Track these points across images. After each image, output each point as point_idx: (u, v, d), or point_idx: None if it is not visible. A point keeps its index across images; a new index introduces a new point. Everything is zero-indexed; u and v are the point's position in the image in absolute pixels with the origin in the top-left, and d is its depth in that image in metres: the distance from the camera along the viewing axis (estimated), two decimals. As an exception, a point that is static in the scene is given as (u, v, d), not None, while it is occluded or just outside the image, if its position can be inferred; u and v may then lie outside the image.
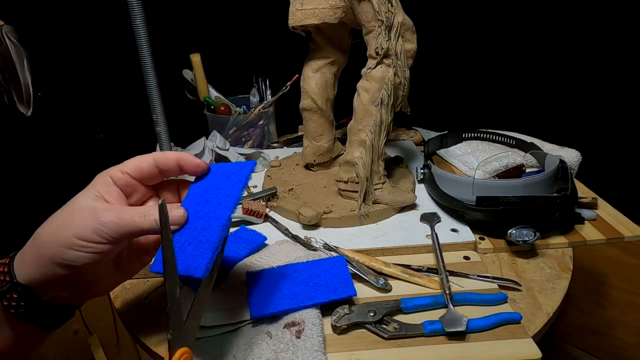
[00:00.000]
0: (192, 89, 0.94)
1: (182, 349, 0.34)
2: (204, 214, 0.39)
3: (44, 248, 0.37)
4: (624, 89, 0.90)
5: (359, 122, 0.63)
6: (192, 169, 0.42)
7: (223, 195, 0.40)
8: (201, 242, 0.38)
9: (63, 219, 0.38)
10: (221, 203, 0.40)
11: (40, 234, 0.38)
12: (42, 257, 0.37)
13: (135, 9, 0.59)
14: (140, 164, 0.42)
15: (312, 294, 0.48)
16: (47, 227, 0.38)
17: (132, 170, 0.41)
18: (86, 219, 0.37)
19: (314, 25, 0.65)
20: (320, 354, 0.42)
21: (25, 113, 0.67)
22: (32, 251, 0.38)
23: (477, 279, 0.53)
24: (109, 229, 0.37)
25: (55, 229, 0.37)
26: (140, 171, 0.42)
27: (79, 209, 0.38)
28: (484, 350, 0.44)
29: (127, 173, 0.41)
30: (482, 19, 1.01)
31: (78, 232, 0.36)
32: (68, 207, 0.39)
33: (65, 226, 0.37)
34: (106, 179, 0.41)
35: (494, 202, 0.58)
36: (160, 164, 0.42)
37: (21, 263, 0.38)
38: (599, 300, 1.00)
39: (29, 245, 0.38)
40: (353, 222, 0.64)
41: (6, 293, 0.37)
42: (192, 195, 0.42)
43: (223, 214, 0.39)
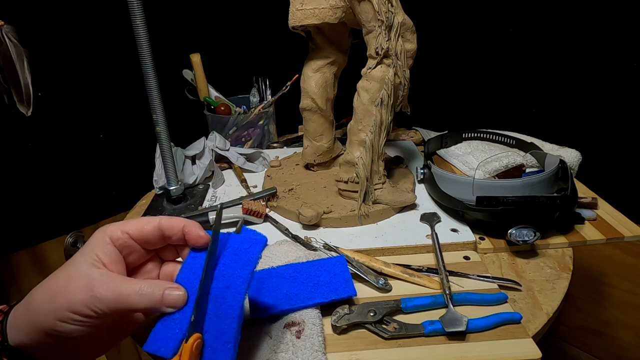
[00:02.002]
0: (192, 89, 0.94)
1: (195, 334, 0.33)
2: (214, 297, 0.36)
3: (37, 316, 0.35)
4: (624, 89, 0.90)
5: (359, 122, 0.63)
6: (194, 240, 0.39)
7: (232, 275, 0.38)
8: (218, 333, 0.35)
9: (58, 286, 0.36)
10: (230, 286, 0.37)
11: (35, 299, 0.36)
12: (33, 325, 0.35)
13: (135, 9, 0.59)
14: (143, 226, 0.39)
15: (312, 294, 0.48)
16: (42, 292, 0.36)
17: (134, 231, 0.39)
18: (81, 291, 0.35)
19: (314, 25, 0.65)
20: (320, 354, 0.42)
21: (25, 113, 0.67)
22: (24, 315, 0.36)
23: (477, 279, 0.53)
24: (104, 305, 0.35)
25: (49, 297, 0.35)
26: (142, 233, 0.39)
27: (75, 276, 0.36)
28: (484, 350, 0.44)
29: (128, 233, 0.39)
30: (482, 19, 1.01)
31: (72, 306, 0.34)
32: (65, 270, 0.37)
33: (59, 295, 0.35)
34: (104, 238, 0.38)
35: (494, 202, 0.57)
36: (165, 230, 0.39)
37: (13, 325, 0.36)
38: (599, 300, 1.00)
39: (23, 307, 0.36)
40: (353, 222, 0.64)
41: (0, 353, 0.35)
42: (192, 266, 0.38)
43: (235, 301, 0.36)
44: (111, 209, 0.99)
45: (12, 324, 0.36)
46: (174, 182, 0.71)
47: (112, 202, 0.99)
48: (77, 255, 0.38)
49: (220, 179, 0.79)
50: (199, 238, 0.39)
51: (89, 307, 0.34)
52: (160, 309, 0.36)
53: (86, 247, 0.38)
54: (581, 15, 0.90)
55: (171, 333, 0.35)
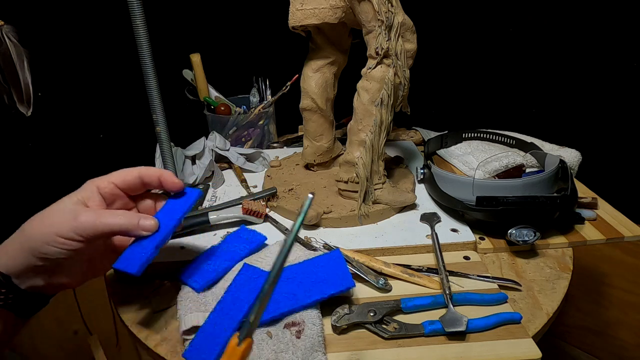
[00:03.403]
0: (192, 89, 0.94)
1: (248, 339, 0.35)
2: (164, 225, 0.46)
3: (27, 241, 0.41)
4: (624, 89, 0.90)
5: (359, 122, 0.63)
6: (170, 185, 0.48)
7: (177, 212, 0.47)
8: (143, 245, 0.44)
9: (46, 216, 0.43)
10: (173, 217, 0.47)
11: (25, 228, 0.42)
12: (23, 249, 0.41)
13: (135, 9, 0.59)
14: (125, 176, 0.47)
15: (311, 291, 0.48)
16: (31, 222, 0.43)
17: (118, 180, 0.47)
18: (66, 218, 0.42)
19: (314, 25, 0.65)
20: (320, 354, 0.42)
21: (25, 113, 0.67)
22: (15, 243, 0.42)
23: (477, 279, 0.53)
24: (87, 228, 0.42)
25: (38, 224, 0.42)
26: (124, 182, 0.47)
27: (62, 208, 0.43)
28: (484, 350, 0.44)
29: (113, 183, 0.47)
30: (482, 19, 1.01)
31: (58, 230, 0.41)
32: (53, 206, 0.44)
33: (47, 223, 0.42)
34: (92, 186, 0.46)
35: (494, 202, 0.57)
36: (144, 177, 0.47)
37: (3, 254, 0.42)
38: (599, 300, 1.00)
39: (13, 237, 0.43)
40: (353, 222, 0.64)
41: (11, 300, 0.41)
42: (165, 209, 0.48)
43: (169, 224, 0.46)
44: (111, 209, 0.99)
45: (2, 252, 0.42)
46: (174, 182, 0.71)
47: (112, 202, 0.98)
48: (65, 197, 0.45)
49: (220, 179, 0.79)
50: (174, 184, 0.48)
51: (74, 231, 0.41)
52: (136, 232, 0.44)
53: (74, 193, 0.45)
54: (581, 15, 0.90)
55: (137, 255, 0.43)
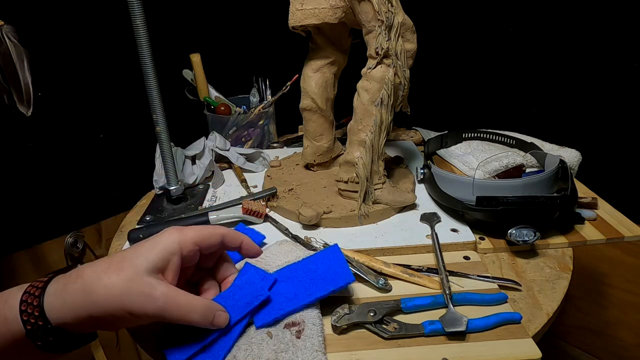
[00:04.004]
0: (192, 89, 0.94)
1: None
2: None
3: (92, 307, 0.37)
4: (624, 89, 0.90)
5: (359, 122, 0.63)
6: (251, 254, 0.46)
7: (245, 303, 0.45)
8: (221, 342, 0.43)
9: (120, 288, 0.37)
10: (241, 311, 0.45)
11: (92, 293, 0.37)
12: (85, 311, 0.37)
13: (135, 9, 0.59)
14: (209, 238, 0.42)
15: (311, 289, 0.47)
16: (100, 288, 0.37)
17: (202, 242, 0.42)
18: (143, 299, 0.37)
19: (314, 25, 0.65)
20: (320, 354, 0.42)
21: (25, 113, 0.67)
22: (76, 301, 0.37)
23: (477, 279, 0.53)
24: (163, 315, 0.38)
25: (110, 297, 0.37)
26: (207, 245, 0.42)
27: (138, 278, 0.38)
28: (484, 350, 0.44)
29: (197, 245, 0.41)
30: (482, 19, 1.01)
31: (132, 311, 0.37)
32: (124, 273, 0.37)
33: (118, 291, 0.37)
34: (174, 247, 0.40)
35: (494, 202, 0.57)
36: (227, 242, 0.44)
37: (55, 307, 0.37)
38: (599, 300, 1.00)
39: (74, 296, 0.37)
40: (353, 222, 0.64)
41: (42, 336, 0.37)
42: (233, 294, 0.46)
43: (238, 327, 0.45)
44: (111, 209, 0.99)
45: (55, 303, 0.37)
46: (174, 182, 0.71)
47: (112, 202, 0.99)
48: (137, 255, 0.39)
49: (220, 179, 0.79)
50: (255, 252, 0.46)
51: (148, 314, 0.37)
52: (206, 326, 0.41)
53: (151, 248, 0.39)
54: (581, 15, 0.90)
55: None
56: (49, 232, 0.92)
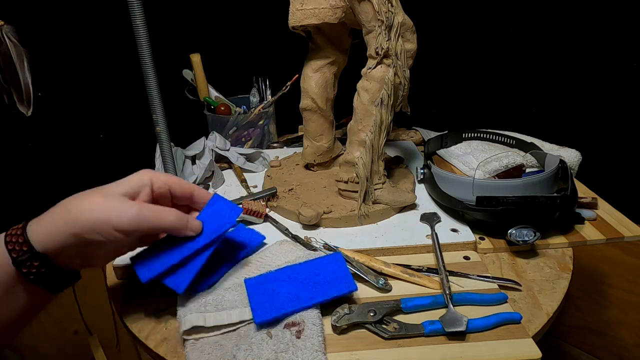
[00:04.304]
0: (192, 89, 0.94)
1: None
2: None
3: (73, 225, 0.40)
4: (624, 89, 0.90)
5: (359, 122, 0.63)
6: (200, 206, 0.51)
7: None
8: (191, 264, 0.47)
9: (97, 203, 0.41)
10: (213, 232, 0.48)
11: (71, 210, 0.41)
12: (67, 231, 0.40)
13: (135, 9, 0.59)
14: (183, 185, 0.48)
15: (313, 293, 0.48)
16: (79, 205, 0.41)
17: (175, 185, 0.47)
18: (123, 210, 0.41)
19: (314, 25, 0.65)
20: (320, 354, 0.42)
21: (25, 113, 0.67)
22: (57, 222, 0.40)
23: (477, 279, 0.53)
24: (142, 223, 0.42)
25: (88, 210, 0.40)
26: (180, 190, 0.48)
27: (114, 198, 0.42)
28: (484, 350, 0.44)
29: (169, 185, 0.47)
30: (482, 19, 1.01)
31: (115, 223, 0.40)
32: (100, 192, 0.42)
33: (99, 211, 0.41)
34: (145, 179, 0.45)
35: (494, 202, 0.57)
36: (196, 197, 0.49)
37: (39, 232, 0.40)
38: (599, 300, 1.00)
39: (55, 216, 0.41)
40: (353, 222, 0.64)
41: (26, 261, 0.40)
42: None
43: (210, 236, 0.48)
44: (111, 209, 0.99)
45: (37, 230, 0.40)
46: (174, 182, 0.71)
47: (112, 202, 0.98)
48: (111, 185, 0.44)
49: (220, 179, 0.79)
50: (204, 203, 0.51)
51: (130, 225, 0.41)
52: (183, 231, 0.45)
53: (122, 182, 0.44)
54: (581, 15, 0.90)
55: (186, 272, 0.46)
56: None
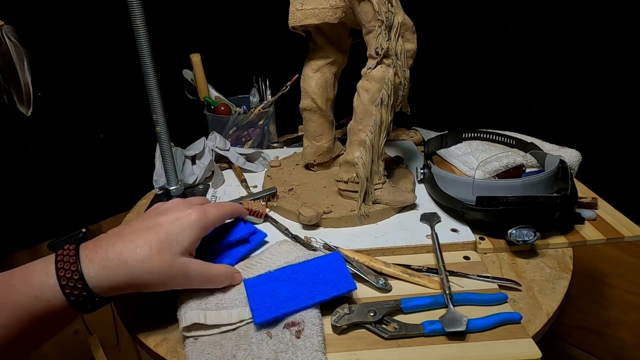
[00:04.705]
0: (192, 89, 0.94)
1: None
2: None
3: (133, 280, 0.42)
4: (624, 88, 0.90)
5: (359, 122, 0.63)
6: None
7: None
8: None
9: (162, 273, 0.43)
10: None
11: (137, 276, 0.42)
12: (125, 283, 0.42)
13: (135, 9, 0.59)
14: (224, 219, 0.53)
15: (313, 292, 0.48)
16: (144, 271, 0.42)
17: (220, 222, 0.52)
18: (185, 282, 0.46)
19: (314, 25, 0.65)
20: (320, 354, 0.42)
21: (25, 113, 0.67)
22: (114, 271, 0.41)
23: (477, 279, 0.53)
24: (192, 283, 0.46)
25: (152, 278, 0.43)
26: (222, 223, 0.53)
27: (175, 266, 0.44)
28: (484, 350, 0.44)
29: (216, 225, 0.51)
30: (482, 19, 1.01)
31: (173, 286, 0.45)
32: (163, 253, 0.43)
33: (163, 280, 0.44)
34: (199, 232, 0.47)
35: (494, 202, 0.57)
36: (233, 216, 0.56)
37: (98, 280, 0.41)
38: (599, 300, 1.00)
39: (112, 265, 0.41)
40: (353, 222, 0.64)
41: (83, 302, 0.41)
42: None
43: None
44: (111, 209, 0.99)
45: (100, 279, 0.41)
46: (174, 182, 0.71)
47: (112, 202, 0.99)
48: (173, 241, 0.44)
49: (220, 179, 0.79)
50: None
51: (182, 284, 0.46)
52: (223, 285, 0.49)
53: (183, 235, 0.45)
54: (581, 15, 0.90)
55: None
56: (49, 232, 0.92)
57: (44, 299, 0.39)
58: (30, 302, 0.39)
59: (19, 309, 0.38)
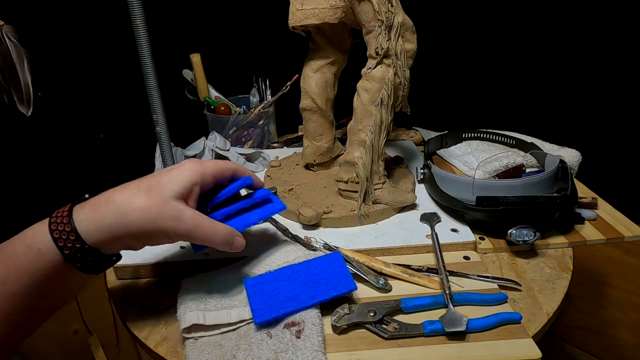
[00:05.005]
0: (192, 89, 0.94)
1: None
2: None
3: (126, 225, 0.40)
4: (624, 88, 0.90)
5: (359, 122, 0.63)
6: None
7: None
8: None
9: (153, 208, 0.41)
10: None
11: (123, 210, 0.40)
12: (119, 229, 0.40)
13: (135, 9, 0.59)
14: (224, 171, 0.48)
15: (313, 293, 0.48)
16: (132, 206, 0.41)
17: (218, 175, 0.47)
18: (173, 221, 0.42)
19: (314, 25, 0.65)
20: (320, 354, 0.42)
21: (25, 113, 0.67)
22: (107, 219, 0.40)
23: (477, 279, 0.53)
24: (189, 237, 0.43)
25: (143, 216, 0.41)
26: (221, 177, 0.48)
27: (168, 206, 0.42)
28: (484, 350, 0.44)
29: (215, 178, 0.47)
30: (482, 19, 1.01)
31: (165, 232, 0.42)
32: (152, 194, 0.41)
33: (155, 218, 0.41)
34: (196, 178, 0.44)
35: (494, 202, 0.57)
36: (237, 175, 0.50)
37: (89, 228, 0.40)
38: (599, 300, 1.00)
39: (104, 212, 0.40)
40: (353, 222, 0.64)
41: (78, 256, 0.40)
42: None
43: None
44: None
45: (90, 226, 0.40)
46: (174, 182, 0.71)
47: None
48: (162, 181, 0.43)
49: (220, 179, 0.79)
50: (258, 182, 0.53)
51: (178, 235, 0.42)
52: (225, 249, 0.46)
53: (175, 178, 0.43)
54: (581, 15, 0.90)
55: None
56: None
57: (35, 247, 0.39)
58: (23, 252, 0.39)
59: (14, 259, 0.39)
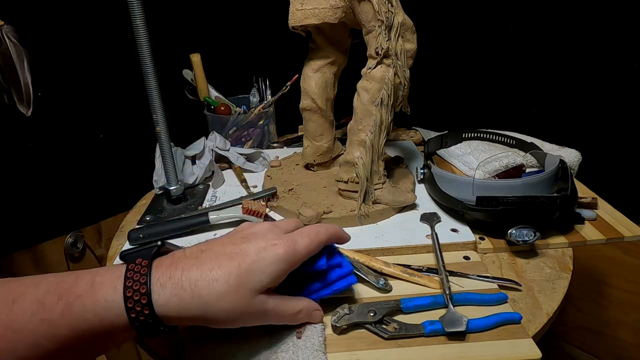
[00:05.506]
0: (192, 89, 0.94)
1: None
2: None
3: (207, 316, 0.38)
4: (624, 88, 0.90)
5: (359, 122, 0.63)
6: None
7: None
8: None
9: (237, 312, 0.39)
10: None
11: (210, 311, 0.38)
12: (197, 317, 0.38)
13: (135, 9, 0.59)
14: (318, 249, 0.45)
15: (313, 288, 0.47)
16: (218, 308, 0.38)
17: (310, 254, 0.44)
18: (260, 321, 0.41)
19: (314, 25, 0.65)
20: (321, 353, 0.42)
21: (25, 113, 0.67)
22: (188, 306, 0.37)
23: (477, 279, 0.53)
24: (268, 321, 0.42)
25: (227, 316, 0.39)
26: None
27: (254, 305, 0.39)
28: (484, 350, 0.44)
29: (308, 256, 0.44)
30: (482, 19, 1.01)
31: (244, 321, 0.40)
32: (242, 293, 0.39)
33: (237, 318, 0.39)
34: (285, 267, 0.41)
35: (494, 202, 0.57)
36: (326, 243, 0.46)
37: (168, 310, 0.37)
38: (599, 300, 1.00)
39: (185, 295, 0.37)
40: (353, 222, 0.64)
41: (148, 329, 0.37)
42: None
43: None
44: (111, 209, 0.99)
45: (170, 308, 0.37)
46: (174, 182, 0.71)
47: (112, 202, 0.99)
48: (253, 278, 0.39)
49: (220, 179, 0.79)
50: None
51: (257, 322, 0.41)
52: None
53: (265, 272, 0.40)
54: (581, 15, 0.90)
55: None
56: (49, 232, 0.92)
57: (108, 319, 0.36)
58: (92, 319, 0.35)
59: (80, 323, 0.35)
